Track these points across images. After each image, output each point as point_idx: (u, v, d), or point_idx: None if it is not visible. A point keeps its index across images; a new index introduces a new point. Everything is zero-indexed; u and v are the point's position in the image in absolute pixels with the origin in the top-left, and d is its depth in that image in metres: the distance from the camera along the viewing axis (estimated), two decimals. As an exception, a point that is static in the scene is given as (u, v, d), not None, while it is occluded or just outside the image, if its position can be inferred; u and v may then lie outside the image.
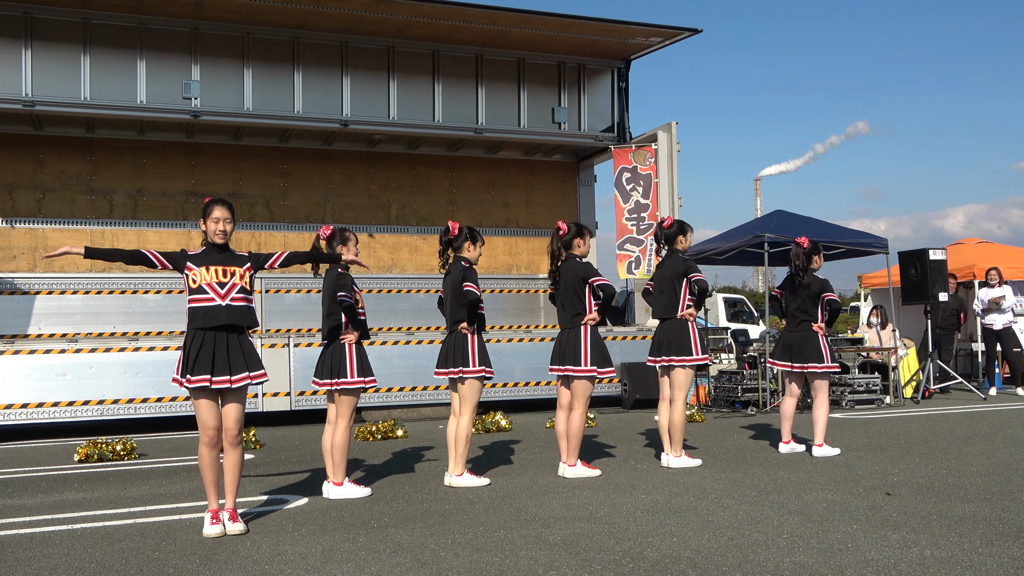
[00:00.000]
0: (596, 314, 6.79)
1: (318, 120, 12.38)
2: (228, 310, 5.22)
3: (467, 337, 6.48)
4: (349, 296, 6.19)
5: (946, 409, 11.37)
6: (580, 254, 6.97)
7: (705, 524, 5.11)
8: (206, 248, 5.37)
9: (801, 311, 7.78)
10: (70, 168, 12.50)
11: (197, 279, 5.23)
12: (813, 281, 7.77)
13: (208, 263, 5.27)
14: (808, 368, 7.74)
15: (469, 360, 6.45)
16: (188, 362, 5.20)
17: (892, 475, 6.58)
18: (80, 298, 12.31)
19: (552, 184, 14.92)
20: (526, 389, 11.90)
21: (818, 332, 7.72)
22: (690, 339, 7.15)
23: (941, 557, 4.34)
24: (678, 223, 7.52)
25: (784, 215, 13.60)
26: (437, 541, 4.86)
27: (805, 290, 7.75)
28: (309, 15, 11.84)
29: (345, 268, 6.31)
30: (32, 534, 5.27)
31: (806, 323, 7.76)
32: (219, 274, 5.24)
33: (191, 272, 5.23)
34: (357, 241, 6.49)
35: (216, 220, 5.30)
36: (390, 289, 13.57)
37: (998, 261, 14.71)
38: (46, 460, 8.43)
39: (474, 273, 6.61)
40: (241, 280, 5.31)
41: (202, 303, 5.22)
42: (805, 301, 7.75)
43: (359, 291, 6.38)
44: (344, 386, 6.20)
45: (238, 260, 5.37)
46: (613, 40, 13.22)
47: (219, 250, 5.35)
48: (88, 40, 11.38)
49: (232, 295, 5.25)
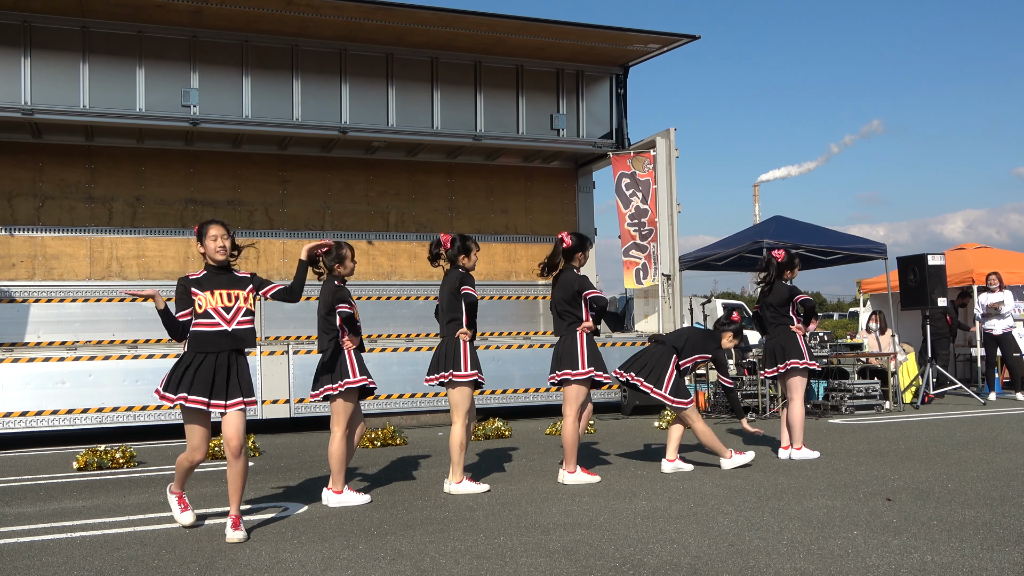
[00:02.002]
0: (591, 322, 6.82)
1: (317, 127, 12.39)
2: (233, 336, 5.29)
3: (459, 342, 6.48)
4: (349, 307, 6.18)
5: (946, 414, 11.37)
6: (578, 266, 6.97)
7: (705, 530, 5.11)
8: (207, 271, 5.40)
9: (776, 318, 8.05)
10: (69, 176, 12.50)
11: (203, 304, 5.28)
12: (781, 289, 8.03)
13: (212, 287, 5.33)
14: (788, 365, 7.88)
15: (461, 365, 6.44)
16: (182, 380, 5.21)
17: (892, 480, 6.58)
18: (79, 306, 12.31)
19: (551, 191, 14.93)
20: (525, 396, 11.90)
21: (797, 332, 7.93)
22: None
23: (942, 563, 4.33)
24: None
25: (783, 221, 13.64)
26: (437, 548, 4.86)
27: (776, 297, 8.04)
28: (307, 23, 11.86)
29: (342, 281, 6.30)
30: (31, 542, 5.26)
31: (783, 326, 7.99)
32: (224, 298, 5.33)
33: (196, 298, 5.29)
34: (353, 254, 6.41)
35: (214, 238, 5.39)
36: (389, 296, 13.57)
37: (997, 266, 14.73)
38: (45, 468, 8.42)
39: (472, 279, 6.61)
40: (245, 303, 5.37)
41: (207, 328, 5.27)
42: (778, 309, 8.03)
43: (354, 305, 6.37)
44: (344, 387, 6.16)
45: (241, 283, 5.44)
46: (611, 47, 13.25)
47: (220, 270, 5.41)
48: (87, 48, 11.40)
49: (238, 319, 5.31)
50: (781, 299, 8.00)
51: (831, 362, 12.42)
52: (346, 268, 6.30)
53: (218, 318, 5.27)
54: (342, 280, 6.30)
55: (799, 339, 7.92)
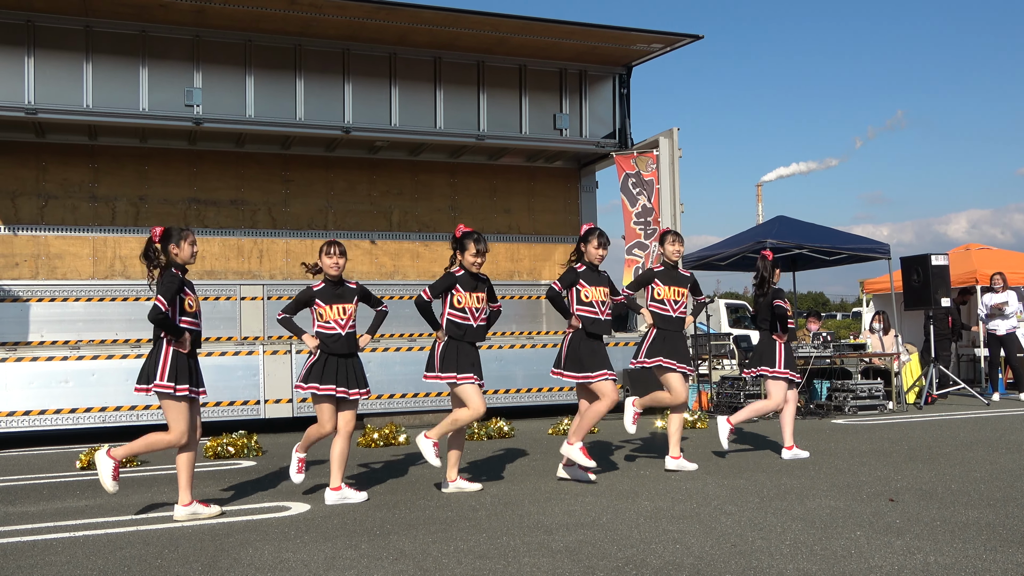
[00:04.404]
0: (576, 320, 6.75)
1: (320, 127, 12.40)
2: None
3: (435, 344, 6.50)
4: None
5: (949, 415, 11.35)
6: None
7: (708, 531, 5.10)
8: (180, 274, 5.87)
9: (764, 321, 8.15)
10: (73, 175, 12.52)
11: (193, 304, 5.91)
12: (771, 293, 8.10)
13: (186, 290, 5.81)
14: (759, 371, 8.04)
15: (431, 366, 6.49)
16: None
17: (895, 481, 6.57)
18: (82, 305, 12.32)
19: (554, 190, 14.93)
20: (528, 395, 11.90)
21: (776, 340, 8.00)
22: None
23: (945, 563, 4.33)
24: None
25: (786, 221, 13.61)
26: (440, 548, 4.85)
27: (764, 300, 8.13)
28: (311, 22, 11.87)
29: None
30: (34, 542, 5.27)
31: (767, 332, 8.10)
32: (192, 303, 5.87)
33: (187, 297, 5.81)
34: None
35: (193, 244, 5.89)
36: (392, 295, 13.57)
37: (1001, 266, 14.70)
38: (48, 467, 8.43)
39: (441, 278, 6.54)
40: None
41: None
42: (764, 311, 8.12)
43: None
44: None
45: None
46: (614, 47, 13.24)
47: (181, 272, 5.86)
48: (90, 48, 11.41)
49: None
50: (767, 303, 8.07)
51: (834, 362, 12.41)
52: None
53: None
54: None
55: (777, 347, 7.97)
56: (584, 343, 6.72)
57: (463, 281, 6.42)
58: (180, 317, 5.71)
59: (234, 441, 8.81)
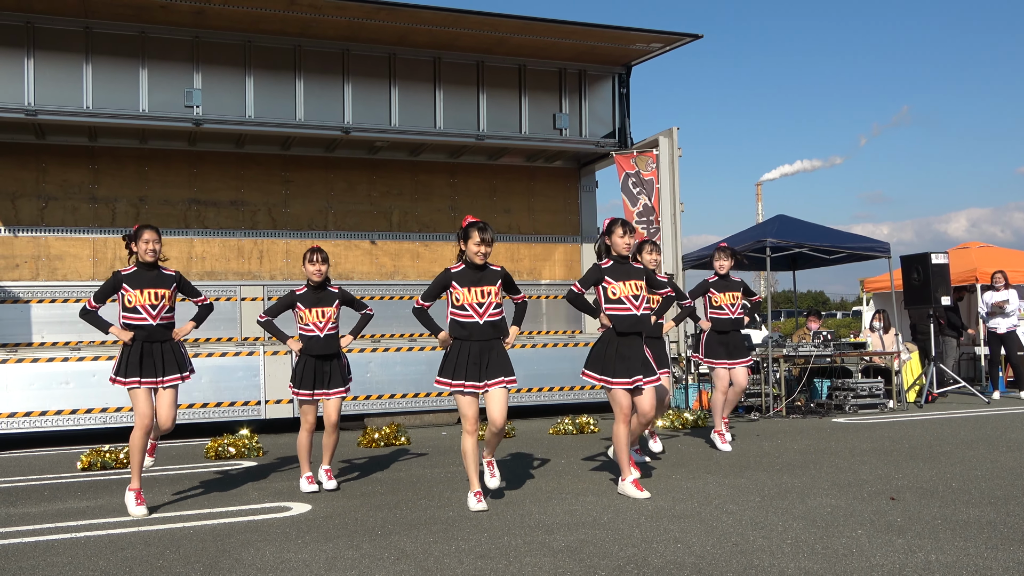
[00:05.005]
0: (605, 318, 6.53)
1: (320, 128, 12.39)
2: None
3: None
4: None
5: (950, 413, 11.35)
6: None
7: (709, 530, 5.10)
8: (137, 268, 6.40)
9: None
10: (73, 177, 12.52)
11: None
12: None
13: (142, 286, 6.30)
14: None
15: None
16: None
17: (896, 480, 6.57)
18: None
19: (554, 190, 14.92)
20: (528, 395, 11.89)
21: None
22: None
23: (946, 562, 4.33)
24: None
25: (786, 220, 13.60)
26: (441, 548, 4.86)
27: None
28: (310, 23, 11.86)
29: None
30: (35, 543, 5.27)
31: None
32: (152, 296, 6.31)
33: (127, 293, 6.37)
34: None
35: (146, 241, 6.27)
36: (392, 296, 13.59)
37: (1001, 265, 14.70)
38: (49, 468, 8.43)
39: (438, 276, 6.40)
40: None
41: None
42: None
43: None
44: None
45: (166, 281, 6.40)
46: (614, 46, 13.23)
47: (148, 268, 6.32)
48: (90, 49, 11.41)
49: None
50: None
51: (834, 361, 12.41)
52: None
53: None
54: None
55: (697, 339, 8.72)
56: (612, 344, 6.31)
57: (461, 276, 6.08)
58: (122, 313, 6.24)
59: (235, 441, 8.82)
